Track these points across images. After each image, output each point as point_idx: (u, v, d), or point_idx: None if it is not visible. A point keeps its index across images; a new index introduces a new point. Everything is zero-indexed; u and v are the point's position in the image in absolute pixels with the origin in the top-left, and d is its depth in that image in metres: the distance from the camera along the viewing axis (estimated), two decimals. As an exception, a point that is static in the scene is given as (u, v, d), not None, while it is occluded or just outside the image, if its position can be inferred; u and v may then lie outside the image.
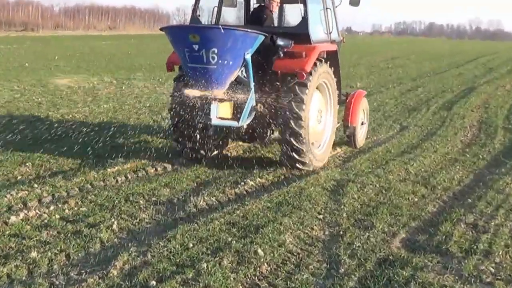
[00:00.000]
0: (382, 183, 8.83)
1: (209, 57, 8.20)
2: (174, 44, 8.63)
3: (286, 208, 7.43)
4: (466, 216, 7.43)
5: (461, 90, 21.94)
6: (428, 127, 13.82)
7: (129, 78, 22.44)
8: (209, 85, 8.40)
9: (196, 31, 8.28)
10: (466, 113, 15.92)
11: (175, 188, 8.25)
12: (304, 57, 9.13)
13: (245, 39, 8.41)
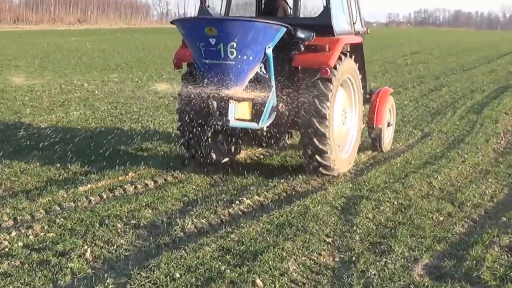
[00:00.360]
0: (401, 200, 8.88)
1: (227, 52, 8.56)
2: (187, 38, 9.06)
3: (289, 230, 7.46)
4: (501, 237, 7.46)
5: (493, 89, 22.05)
6: (455, 134, 13.89)
7: (103, 80, 22.52)
8: (226, 83, 8.76)
9: (213, 24, 8.61)
10: (499, 117, 16.00)
11: (158, 208, 8.28)
12: (328, 51, 9.41)
13: (267, 31, 8.82)
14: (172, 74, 25.15)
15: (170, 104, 17.14)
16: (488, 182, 10.07)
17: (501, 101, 18.66)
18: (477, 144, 12.76)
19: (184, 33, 9.07)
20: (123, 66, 28.61)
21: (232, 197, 8.84)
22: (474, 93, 20.79)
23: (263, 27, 8.82)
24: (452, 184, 9.90)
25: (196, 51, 8.91)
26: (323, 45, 9.44)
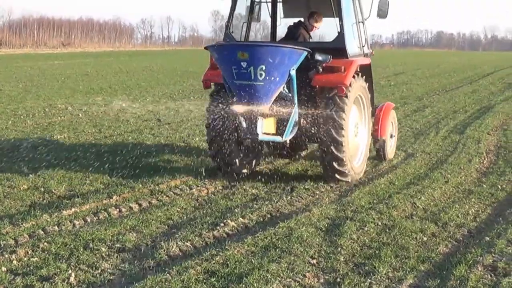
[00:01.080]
0: (385, 221, 8.91)
1: (257, 74, 9.72)
2: (220, 61, 10.22)
3: (274, 252, 7.47)
4: (484, 257, 7.50)
5: (475, 110, 22.21)
6: (438, 154, 13.97)
7: (87, 104, 22.49)
8: (255, 101, 9.94)
9: (245, 49, 9.75)
10: (482, 137, 16.10)
11: (142, 232, 8.27)
12: (343, 72, 10.68)
13: (292, 55, 10.01)
14: (156, 97, 25.20)
15: (154, 127, 17.16)
16: (471, 202, 10.13)
17: (483, 121, 18.79)
18: (460, 164, 12.84)
19: (218, 57, 10.27)
20: (107, 89, 28.60)
21: (217, 220, 8.84)
22: (456, 114, 20.92)
23: (289, 52, 9.99)
24: (435, 204, 9.95)
25: (228, 73, 10.04)
26: (339, 67, 10.68)
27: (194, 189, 10.54)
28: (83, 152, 13.33)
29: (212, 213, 9.20)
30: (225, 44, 10.96)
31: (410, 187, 10.91)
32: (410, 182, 11.37)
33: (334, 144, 10.73)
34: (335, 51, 10.82)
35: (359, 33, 11.69)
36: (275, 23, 12.67)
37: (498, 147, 14.97)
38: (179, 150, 13.85)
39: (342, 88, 10.59)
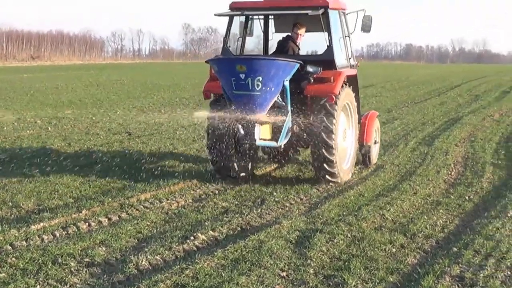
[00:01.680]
0: (355, 232, 8.94)
1: (254, 85, 10.76)
2: (220, 73, 11.24)
3: (244, 265, 7.46)
4: (451, 267, 7.55)
5: (443, 121, 22.38)
6: (407, 166, 14.05)
7: (57, 117, 22.35)
8: (252, 110, 10.94)
9: (243, 62, 10.83)
10: (450, 148, 16.23)
11: (112, 246, 8.22)
12: (332, 82, 11.66)
13: (286, 67, 11.06)
14: (126, 110, 25.11)
15: (124, 140, 17.09)
16: (439, 213, 10.20)
17: (451, 133, 18.93)
18: (429, 176, 12.92)
19: (218, 69, 11.28)
20: (77, 102, 28.45)
21: (187, 233, 8.81)
22: (425, 125, 21.07)
23: (283, 64, 11.05)
24: (404, 215, 10.00)
25: (227, 84, 11.07)
26: (329, 77, 11.68)
27: (164, 203, 10.51)
28: (52, 166, 13.23)
29: (182, 227, 9.17)
30: (225, 58, 11.92)
31: (379, 198, 10.97)
32: (379, 193, 11.42)
33: (325, 147, 11.62)
34: (324, 63, 11.82)
35: (345, 46, 12.70)
36: (267, 38, 13.63)
37: (466, 159, 15.09)
38: (149, 163, 13.81)
39: (332, 97, 11.57)
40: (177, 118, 22.10)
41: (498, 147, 16.89)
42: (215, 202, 10.65)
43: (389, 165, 14.00)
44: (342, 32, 12.59)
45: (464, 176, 13.17)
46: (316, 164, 11.96)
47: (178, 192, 11.28)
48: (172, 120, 21.67)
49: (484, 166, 14.12)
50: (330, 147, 11.63)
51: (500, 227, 9.34)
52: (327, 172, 11.86)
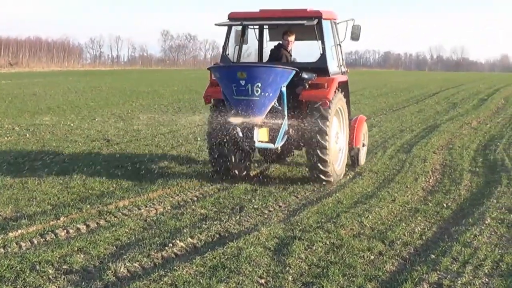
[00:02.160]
0: (333, 240, 8.96)
1: (253, 90, 11.53)
2: (221, 80, 11.99)
3: (222, 272, 7.46)
4: (429, 274, 7.59)
5: (421, 129, 22.49)
6: (385, 173, 14.11)
7: (35, 124, 22.24)
8: (251, 114, 11.71)
9: (244, 69, 11.60)
10: (428, 156, 16.31)
11: (90, 253, 8.19)
12: (326, 88, 12.47)
13: (283, 74, 11.90)
14: (105, 117, 25.02)
15: (103, 147, 17.03)
16: (418, 220, 10.25)
17: (429, 140, 19.03)
18: (407, 183, 12.99)
19: (219, 76, 12.02)
20: (55, 109, 28.31)
21: (165, 240, 8.80)
22: (403, 133, 21.16)
23: (281, 71, 11.89)
24: (382, 223, 10.04)
25: (228, 90, 11.81)
26: (323, 83, 12.48)
27: (142, 210, 10.49)
28: (30, 173, 13.17)
29: (160, 234, 9.15)
30: (226, 66, 12.68)
31: (358, 206, 11.00)
32: (357, 201, 11.46)
33: (320, 148, 12.41)
34: (318, 70, 12.62)
35: (337, 54, 13.57)
36: (261, 46, 14.39)
37: (444, 166, 15.18)
38: (127, 170, 13.77)
39: (326, 102, 12.39)
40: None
41: (476, 154, 16.98)
42: (194, 209, 10.64)
43: (367, 172, 14.05)
44: (334, 41, 13.43)
45: (442, 183, 13.24)
46: (310, 164, 12.72)
47: (157, 199, 11.26)
48: (151, 127, 21.64)
49: (462, 173, 14.21)
50: (324, 148, 12.40)
51: (477, 234, 9.39)
52: (321, 171, 12.58)
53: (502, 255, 8.45)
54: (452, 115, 27.97)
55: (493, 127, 23.54)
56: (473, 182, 13.39)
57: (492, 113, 30.02)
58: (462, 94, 44.02)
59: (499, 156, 16.64)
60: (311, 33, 12.86)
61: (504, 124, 24.75)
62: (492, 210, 10.86)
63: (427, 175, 13.96)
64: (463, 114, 28.49)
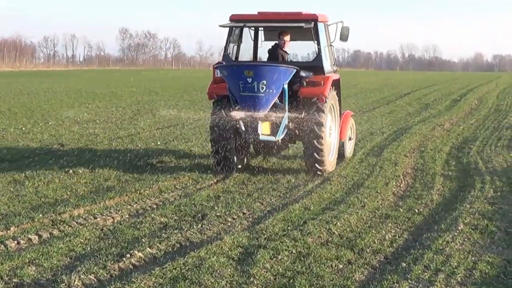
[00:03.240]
0: (300, 248, 8.98)
1: (259, 87, 13.28)
2: (229, 77, 13.71)
3: (183, 284, 7.44)
4: (400, 283, 7.64)
5: (392, 131, 22.62)
6: (354, 178, 14.17)
7: (-17, 128, 21.99)
8: (256, 109, 13.43)
9: (251, 68, 13.46)
10: (399, 159, 16.41)
11: (42, 265, 8.12)
12: (323, 85, 14.26)
13: (286, 72, 13.67)
14: (59, 121, 24.83)
15: (57, 152, 16.89)
16: (388, 227, 10.32)
17: (400, 143, 19.14)
18: (377, 188, 13.05)
19: (227, 74, 13.71)
20: (5, 112, 28.03)
21: (123, 250, 8.76)
22: (373, 135, 21.25)
23: (284, 70, 13.66)
24: (351, 230, 10.09)
25: (235, 87, 13.57)
26: (320, 81, 14.30)
27: (99, 218, 10.42)
28: (-21, 180, 13.02)
29: (117, 244, 9.11)
30: (234, 64, 14.52)
31: (326, 212, 11.04)
32: (325, 207, 11.50)
33: (316, 138, 14.09)
34: (314, 69, 14.40)
35: (330, 54, 15.38)
36: (256, 46, 16.15)
37: (415, 170, 15.29)
38: (83, 176, 13.67)
39: (323, 98, 14.22)
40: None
41: (449, 157, 17.15)
42: (153, 218, 10.60)
43: (336, 177, 14.10)
44: (327, 42, 15.13)
45: (413, 188, 13.34)
46: (307, 153, 14.34)
47: (114, 207, 11.20)
48: (108, 130, 21.52)
49: (434, 177, 14.33)
50: (320, 138, 14.09)
51: (450, 241, 9.49)
52: (317, 160, 14.22)
53: (475, 263, 8.55)
54: (424, 117, 28.20)
55: (466, 129, 23.81)
56: (445, 186, 13.51)
57: (465, 114, 30.38)
58: (435, 95, 44.43)
59: (473, 159, 16.82)
60: (306, 34, 14.72)
61: (478, 126, 25.05)
62: (465, 215, 10.98)
63: (398, 179, 14.06)
64: (435, 116, 28.75)
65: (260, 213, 11.07)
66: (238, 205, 11.55)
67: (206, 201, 11.83)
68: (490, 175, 14.56)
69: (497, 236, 9.93)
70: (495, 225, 10.49)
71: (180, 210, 11.15)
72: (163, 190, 12.62)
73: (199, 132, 21.35)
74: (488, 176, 14.41)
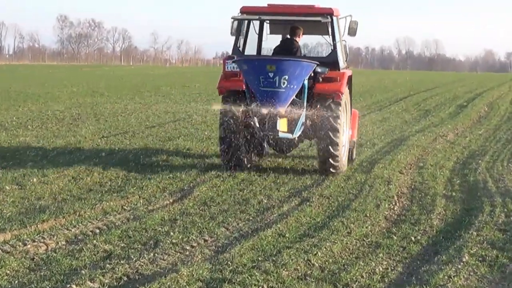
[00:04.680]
0: (273, 283, 8.99)
1: (280, 82, 15.32)
2: (248, 72, 15.81)
3: (130, 326, 7.42)
4: (392, 326, 7.68)
5: (385, 143, 22.69)
6: (339, 198, 14.20)
7: None
8: (276, 104, 15.42)
9: (273, 62, 15.56)
10: (393, 177, 16.48)
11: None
12: (338, 81, 16.38)
13: (308, 67, 15.76)
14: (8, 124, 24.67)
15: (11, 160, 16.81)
16: (379, 258, 10.35)
17: (394, 157, 19.20)
18: (366, 211, 13.07)
19: (247, 68, 15.77)
20: None
21: (58, 284, 8.73)
22: (363, 148, 21.27)
23: (306, 65, 15.79)
24: (335, 261, 10.12)
25: (255, 82, 15.63)
26: (336, 77, 16.43)
27: (29, 245, 10.37)
28: None
29: (51, 276, 9.06)
30: (255, 58, 16.95)
31: (304, 240, 11.07)
32: (304, 234, 11.52)
33: (332, 131, 16.00)
34: (329, 64, 16.42)
35: (343, 49, 17.46)
36: (261, 39, 18.30)
37: (412, 189, 15.37)
38: (10, 194, 13.60)
39: (339, 95, 16.21)
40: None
41: (452, 175, 17.24)
42: (95, 245, 10.56)
43: (316, 198, 14.11)
44: (339, 37, 17.17)
45: (410, 211, 13.38)
46: (322, 147, 16.21)
47: (48, 232, 11.14)
48: (44, 139, 21.41)
49: (434, 198, 14.41)
50: (336, 130, 16.04)
51: (453, 275, 9.53)
52: (331, 155, 16.09)
53: (482, 302, 8.60)
54: (424, 126, 28.36)
55: (473, 141, 23.99)
56: (448, 209, 13.57)
57: (472, 123, 30.61)
58: (437, 99, 44.70)
59: (481, 177, 16.94)
60: (320, 29, 17.18)
61: (487, 137, 25.24)
62: (471, 244, 11.04)
63: (392, 201, 14.09)
64: (437, 124, 28.92)
65: (225, 240, 11.07)
66: (198, 231, 11.53)
67: (159, 225, 11.80)
68: (501, 197, 14.66)
69: (508, 269, 9.99)
70: (507, 256, 10.56)
71: (128, 236, 11.13)
72: (108, 212, 12.57)
73: (152, 141, 21.31)
74: (499, 198, 14.51)
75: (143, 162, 17.55)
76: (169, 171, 16.24)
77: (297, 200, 13.96)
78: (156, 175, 15.87)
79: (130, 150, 19.59)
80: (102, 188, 14.45)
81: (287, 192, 14.58)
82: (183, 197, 13.94)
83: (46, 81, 57.53)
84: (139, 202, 13.44)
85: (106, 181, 15.20)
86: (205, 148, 20.24)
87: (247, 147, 16.75)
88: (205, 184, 14.99)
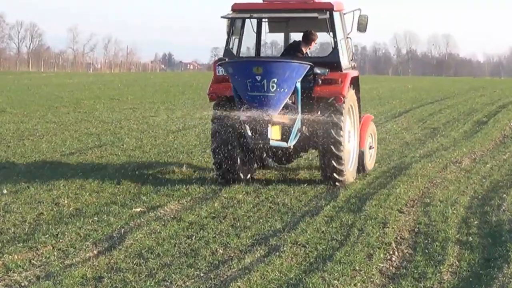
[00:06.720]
0: None
1: (269, 86, 17.46)
2: (235, 75, 18.02)
3: None
4: None
5: (380, 172, 22.64)
6: (319, 246, 14.19)
7: None
8: (265, 110, 17.54)
9: (260, 64, 17.73)
10: (390, 217, 16.47)
11: None
12: (340, 83, 18.51)
13: (299, 69, 17.96)
14: None
15: None
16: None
17: (392, 191, 19.14)
18: (355, 263, 13.06)
19: (232, 72, 18.02)
20: None
21: None
22: (350, 179, 21.31)
23: (297, 66, 17.99)
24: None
25: (242, 86, 17.86)
26: (337, 79, 18.55)
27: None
28: None
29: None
30: (240, 60, 19.08)
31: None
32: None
33: (334, 144, 18.38)
34: (330, 65, 18.73)
35: (347, 48, 19.97)
36: (259, 39, 21.32)
37: (416, 234, 15.35)
38: None
39: (341, 98, 18.43)
40: None
41: (468, 214, 17.23)
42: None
43: (289, 246, 14.08)
44: (343, 34, 19.74)
45: (412, 262, 13.40)
46: (324, 163, 18.73)
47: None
48: None
49: (445, 246, 14.41)
50: (338, 143, 18.38)
51: None
52: (335, 170, 18.66)
53: None
54: (431, 149, 28.36)
55: (496, 169, 23.96)
56: (463, 259, 13.59)
57: (495, 144, 30.58)
58: (447, 114, 44.73)
59: (506, 216, 16.91)
60: (320, 26, 19.47)
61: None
62: (493, 307, 11.09)
63: (389, 249, 14.09)
64: (447, 147, 28.92)
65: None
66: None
67: (80, 286, 11.76)
68: (532, 243, 14.69)
69: None
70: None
71: (113, 267, 11.11)
72: (11, 268, 12.51)
73: (70, 172, 21.27)
74: (530, 244, 14.55)
75: (57, 202, 17.47)
76: (93, 212, 16.19)
77: (263, 250, 13.92)
78: (76, 219, 15.81)
79: (41, 185, 19.49)
80: (3, 236, 14.38)
81: (249, 239, 14.52)
82: (112, 247, 13.89)
83: None
84: (52, 254, 13.40)
85: (8, 227, 15.13)
86: (141, 181, 20.14)
87: (244, 158, 19.10)
88: (141, 229, 14.92)
